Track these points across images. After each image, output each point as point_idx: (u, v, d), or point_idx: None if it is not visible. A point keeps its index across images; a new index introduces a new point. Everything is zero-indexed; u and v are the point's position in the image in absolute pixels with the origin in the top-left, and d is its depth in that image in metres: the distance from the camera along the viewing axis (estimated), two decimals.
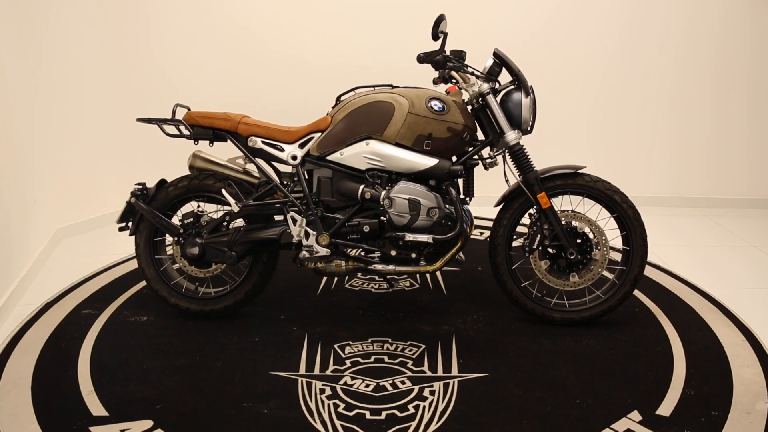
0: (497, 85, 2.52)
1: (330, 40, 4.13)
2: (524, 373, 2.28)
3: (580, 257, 2.53)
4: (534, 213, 2.59)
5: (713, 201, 4.54)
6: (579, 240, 2.54)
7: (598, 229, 2.54)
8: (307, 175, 2.57)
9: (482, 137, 2.57)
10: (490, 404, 2.08)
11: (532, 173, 2.51)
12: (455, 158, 2.51)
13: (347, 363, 2.34)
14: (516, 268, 2.65)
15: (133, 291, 2.97)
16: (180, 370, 2.29)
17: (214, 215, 2.64)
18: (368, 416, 2.02)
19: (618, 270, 2.61)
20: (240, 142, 2.57)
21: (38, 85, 3.51)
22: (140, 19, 3.97)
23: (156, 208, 2.61)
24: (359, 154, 2.45)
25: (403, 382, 2.22)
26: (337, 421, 1.99)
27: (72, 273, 3.24)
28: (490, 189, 3.35)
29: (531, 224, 2.60)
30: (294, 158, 2.53)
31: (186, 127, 2.57)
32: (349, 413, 2.03)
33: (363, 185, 2.45)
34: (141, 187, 2.65)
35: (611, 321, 2.64)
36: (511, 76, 2.52)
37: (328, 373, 2.28)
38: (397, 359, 2.37)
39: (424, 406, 2.07)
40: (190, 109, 2.62)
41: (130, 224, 2.67)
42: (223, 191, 2.53)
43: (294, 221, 2.51)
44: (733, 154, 4.47)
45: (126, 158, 4.09)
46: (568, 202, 2.62)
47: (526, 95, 2.47)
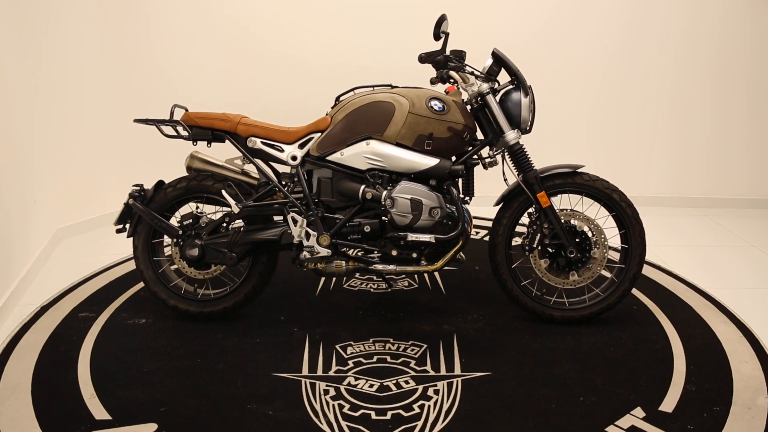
0: (496, 84, 2.53)
1: (330, 40, 4.12)
2: (527, 371, 2.29)
3: (580, 256, 2.55)
4: (533, 212, 2.60)
5: (713, 201, 4.53)
6: (578, 239, 2.56)
7: (597, 228, 2.56)
8: (306, 176, 2.56)
9: (481, 137, 2.58)
10: (495, 403, 2.09)
11: (532, 172, 2.52)
12: (454, 158, 2.52)
13: (350, 363, 2.34)
14: (516, 267, 2.66)
15: (130, 293, 2.94)
16: (182, 373, 2.27)
17: (212, 216, 2.63)
18: (374, 416, 2.02)
19: (617, 268, 2.63)
20: (239, 143, 2.55)
21: (38, 85, 3.50)
22: (140, 19, 3.95)
23: (154, 209, 2.58)
24: (360, 154, 2.45)
25: (406, 382, 2.22)
26: (343, 422, 1.99)
27: (72, 273, 3.22)
28: (489, 189, 3.36)
29: (530, 223, 2.61)
30: (294, 159, 2.52)
31: (184, 127, 2.55)
32: (355, 413, 2.03)
33: (364, 185, 2.44)
34: (138, 188, 2.62)
35: (610, 319, 2.66)
36: (509, 76, 2.53)
37: (331, 373, 2.27)
38: (400, 359, 2.37)
39: (429, 406, 2.07)
40: (187, 109, 2.61)
41: (127, 226, 2.65)
42: (223, 192, 2.51)
43: (295, 222, 2.51)
44: (733, 154, 4.47)
45: (126, 158, 4.07)
46: (566, 201, 2.64)
47: (525, 95, 2.48)
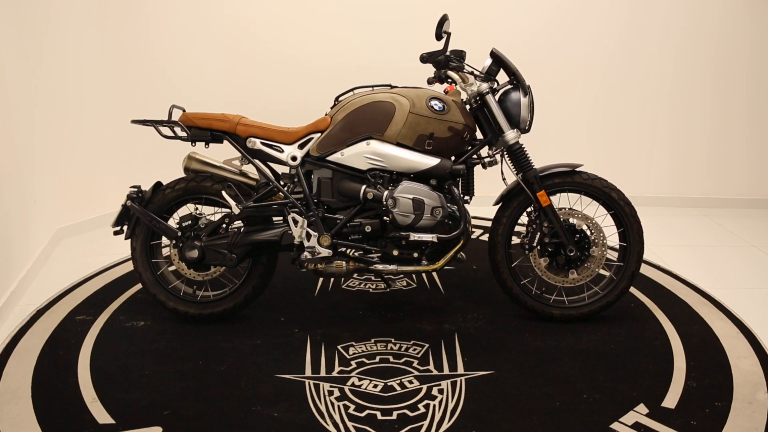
0: (495, 84, 2.54)
1: (330, 40, 4.11)
2: (529, 369, 2.30)
3: (579, 254, 2.56)
4: (532, 211, 2.62)
5: (713, 201, 4.54)
6: (577, 237, 2.57)
7: (596, 227, 2.58)
8: (305, 176, 2.55)
9: (480, 137, 2.59)
10: (500, 401, 2.10)
11: (532, 172, 2.53)
12: (454, 158, 2.52)
13: (353, 364, 2.34)
14: (515, 265, 2.67)
15: (126, 296, 2.91)
16: (184, 375, 2.26)
17: (212, 218, 2.61)
18: (380, 416, 2.02)
19: (615, 266, 2.66)
20: (238, 144, 2.54)
21: (38, 85, 3.47)
22: (140, 19, 3.92)
23: (152, 210, 2.56)
24: (360, 154, 2.45)
25: (410, 382, 2.22)
26: (349, 423, 1.99)
27: (72, 273, 3.20)
28: (487, 189, 3.37)
29: (529, 222, 2.63)
30: (294, 159, 2.52)
31: (182, 128, 2.53)
32: (360, 414, 2.03)
33: (365, 185, 2.44)
34: (136, 189, 2.60)
35: (609, 317, 2.68)
36: (508, 76, 2.54)
37: (334, 374, 2.27)
38: (402, 359, 2.37)
39: (434, 405, 2.08)
40: (185, 110, 2.59)
41: (125, 228, 2.62)
42: (224, 193, 2.49)
43: (295, 222, 2.50)
44: (733, 154, 4.48)
45: (126, 158, 4.05)
46: (565, 199, 2.65)
47: (525, 94, 2.50)
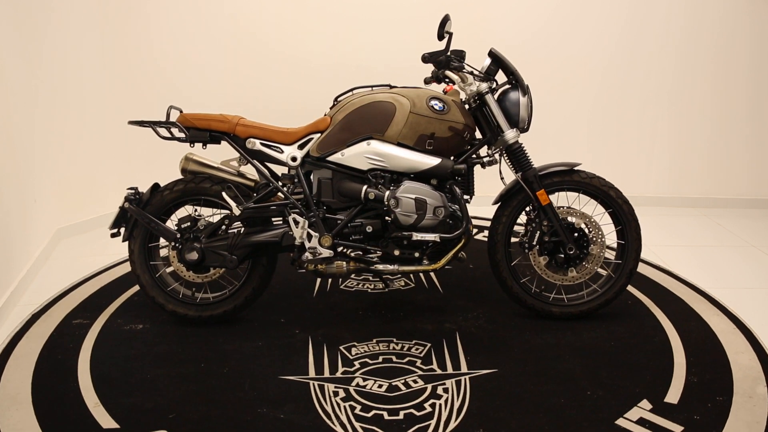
0: (494, 84, 2.55)
1: (330, 40, 4.10)
2: (532, 367, 2.31)
3: (578, 252, 2.59)
4: (531, 210, 2.63)
5: (713, 201, 4.55)
6: (575, 235, 2.59)
7: (595, 225, 2.60)
8: (305, 177, 2.54)
9: (479, 136, 2.60)
10: (505, 399, 2.11)
11: (531, 171, 2.55)
12: (453, 157, 2.53)
13: (356, 364, 2.33)
14: (515, 264, 2.68)
15: (123, 298, 2.88)
16: (186, 378, 2.24)
17: (210, 219, 2.59)
18: (386, 417, 2.02)
19: (613, 263, 2.68)
20: (237, 144, 2.52)
21: (38, 85, 3.44)
22: (140, 20, 3.89)
23: (151, 212, 2.53)
24: (361, 155, 2.45)
25: (415, 381, 2.22)
26: (356, 423, 1.98)
27: (72, 273, 3.18)
28: (486, 188, 3.37)
29: (528, 221, 2.64)
30: (294, 159, 2.51)
31: (180, 129, 2.51)
32: (367, 414, 2.03)
33: (366, 186, 2.44)
34: (133, 191, 2.57)
35: (608, 314, 2.71)
36: (506, 76, 2.55)
37: (338, 375, 2.26)
38: (405, 358, 2.37)
39: (440, 404, 2.08)
40: (182, 111, 2.56)
41: (122, 230, 2.60)
42: (224, 194, 2.47)
43: (296, 223, 2.49)
44: (733, 154, 4.49)
45: (126, 158, 4.02)
46: (563, 198, 2.67)
47: (524, 94, 2.51)
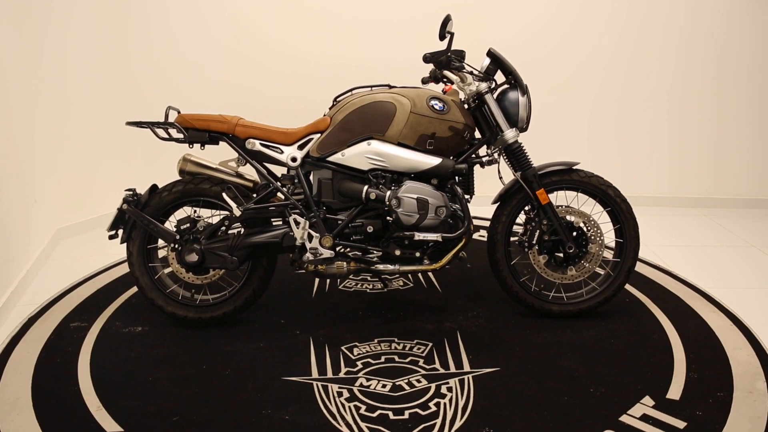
0: (493, 84, 2.56)
1: (330, 40, 4.10)
2: (534, 365, 2.32)
3: (578, 251, 2.60)
4: (530, 209, 2.65)
5: (713, 201, 4.55)
6: (575, 234, 2.61)
7: (594, 224, 2.62)
8: (305, 177, 2.54)
9: (478, 136, 2.61)
10: (509, 397, 2.12)
11: (531, 170, 2.56)
12: (453, 157, 2.53)
13: (359, 364, 2.33)
14: (514, 263, 2.70)
15: (120, 301, 2.86)
16: (189, 381, 2.22)
17: (210, 220, 2.57)
18: (392, 416, 2.02)
19: (612, 262, 2.70)
20: (237, 145, 2.51)
21: (38, 85, 3.42)
22: (140, 20, 3.87)
23: (149, 214, 2.51)
24: (361, 155, 2.44)
25: (418, 381, 2.22)
26: (362, 423, 1.98)
27: (72, 273, 3.17)
28: (485, 188, 3.37)
29: (528, 220, 2.65)
30: (294, 160, 2.50)
31: (179, 129, 2.49)
32: (372, 414, 2.03)
33: (367, 186, 2.44)
34: (131, 192, 2.55)
35: (606, 312, 2.73)
36: (505, 76, 2.56)
37: (341, 375, 2.26)
38: (408, 358, 2.38)
39: (445, 404, 2.09)
40: (179, 111, 2.55)
41: (120, 232, 2.57)
42: (224, 195, 2.46)
43: (297, 224, 2.48)
44: (733, 154, 4.49)
45: (126, 158, 4.00)
46: (561, 197, 2.69)
47: (523, 94, 2.52)
